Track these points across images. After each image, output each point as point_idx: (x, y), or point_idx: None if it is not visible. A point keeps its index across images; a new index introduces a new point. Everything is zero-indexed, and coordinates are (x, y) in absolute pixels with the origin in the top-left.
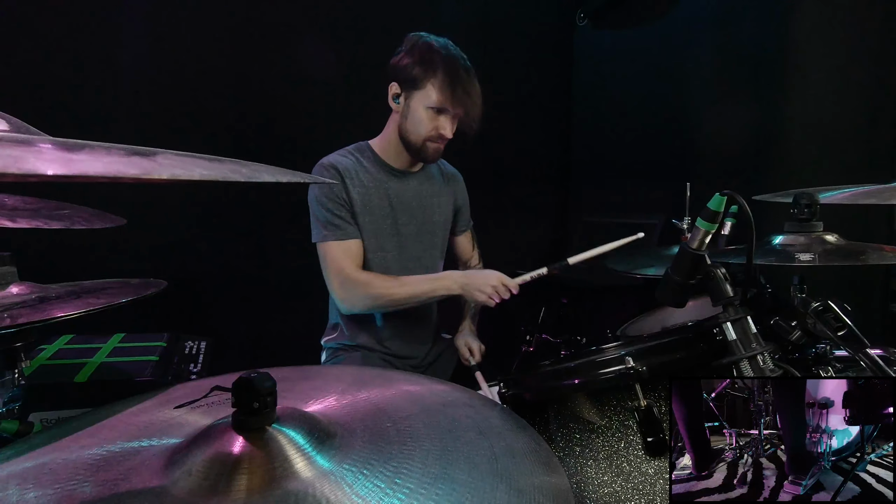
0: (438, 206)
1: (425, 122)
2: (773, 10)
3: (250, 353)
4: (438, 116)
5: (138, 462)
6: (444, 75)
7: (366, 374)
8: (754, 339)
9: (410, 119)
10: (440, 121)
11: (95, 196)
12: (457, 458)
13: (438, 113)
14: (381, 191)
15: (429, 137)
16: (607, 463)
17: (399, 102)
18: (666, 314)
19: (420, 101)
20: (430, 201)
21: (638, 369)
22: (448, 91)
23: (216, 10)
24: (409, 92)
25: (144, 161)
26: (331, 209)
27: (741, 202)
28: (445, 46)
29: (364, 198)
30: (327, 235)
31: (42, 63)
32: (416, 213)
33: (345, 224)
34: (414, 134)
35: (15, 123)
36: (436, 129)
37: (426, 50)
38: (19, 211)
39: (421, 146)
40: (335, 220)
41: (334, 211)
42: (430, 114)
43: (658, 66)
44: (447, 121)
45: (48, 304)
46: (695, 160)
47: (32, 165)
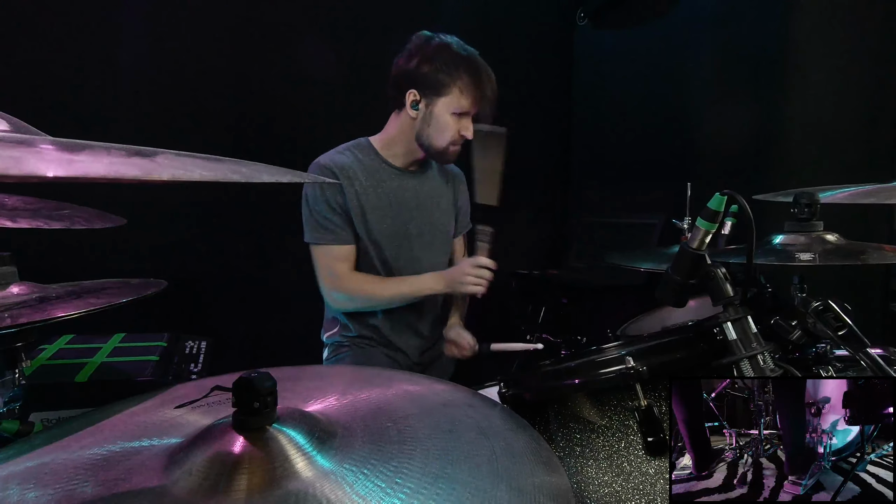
0: (439, 207)
1: (451, 126)
2: (773, 10)
3: (250, 353)
4: (461, 119)
5: (138, 462)
6: (469, 79)
7: (366, 374)
8: (754, 338)
9: (434, 125)
10: (463, 123)
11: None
12: (457, 458)
13: (461, 116)
14: (380, 189)
15: (453, 141)
16: (607, 463)
17: (419, 109)
18: (666, 314)
19: (445, 106)
20: (429, 201)
21: (638, 369)
22: (477, 94)
23: (216, 10)
24: (430, 98)
25: (145, 161)
26: (323, 212)
27: (741, 202)
28: (463, 47)
29: (361, 197)
30: (319, 238)
31: (42, 63)
32: (415, 213)
33: (336, 228)
34: (439, 139)
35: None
36: (459, 133)
37: (445, 53)
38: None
39: (444, 150)
40: (327, 224)
41: (326, 215)
42: (454, 118)
43: (658, 66)
44: (469, 122)
45: (48, 304)
46: (695, 160)
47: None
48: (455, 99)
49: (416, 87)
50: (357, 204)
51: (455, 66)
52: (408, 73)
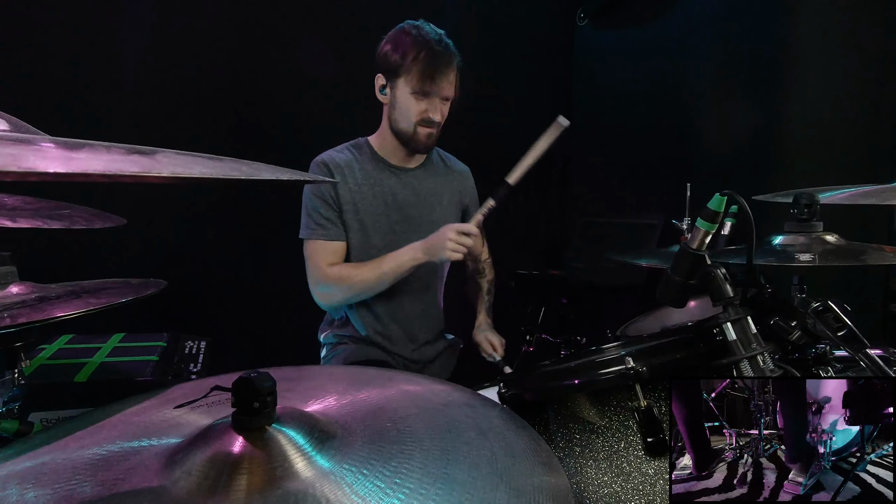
0: (439, 204)
1: (412, 107)
2: (773, 10)
3: (250, 353)
4: (423, 100)
5: (138, 462)
6: (421, 57)
7: (366, 374)
8: (754, 339)
9: (398, 108)
10: (425, 104)
11: (95, 196)
12: (457, 458)
13: (423, 96)
14: (376, 188)
15: (419, 122)
16: (607, 463)
17: (385, 93)
18: (666, 314)
19: (403, 87)
20: (428, 199)
21: (638, 369)
22: (429, 73)
23: (216, 11)
24: (392, 81)
25: (144, 159)
26: (318, 208)
27: (741, 202)
28: (417, 27)
29: (356, 195)
30: (311, 234)
31: (42, 63)
32: (412, 211)
33: (329, 224)
34: (404, 122)
35: (15, 123)
36: (424, 113)
37: (401, 36)
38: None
39: (412, 134)
40: (320, 220)
41: (321, 210)
42: (414, 98)
43: (658, 66)
44: (434, 104)
45: (48, 304)
46: (695, 160)
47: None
48: (411, 78)
49: (381, 71)
50: (350, 200)
51: (408, 47)
52: (376, 60)
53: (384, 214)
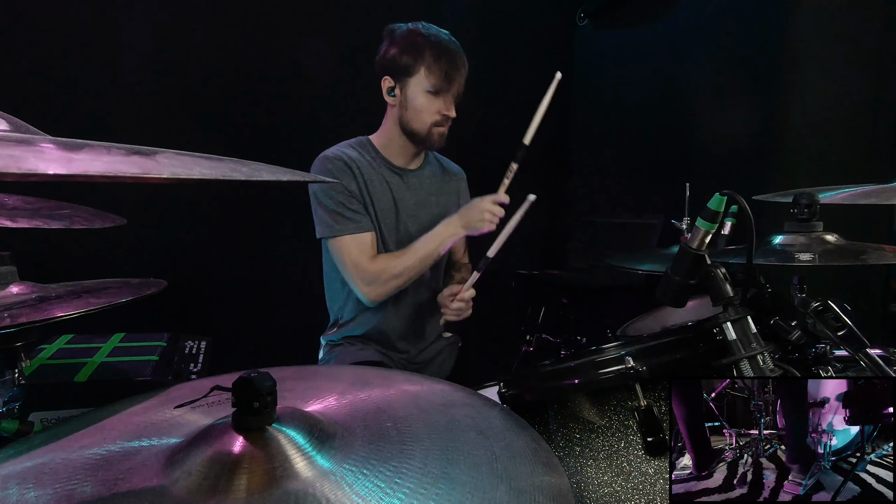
0: (439, 205)
1: (427, 107)
2: (772, 10)
3: (250, 353)
4: (438, 98)
5: (138, 462)
6: (433, 55)
7: (366, 374)
8: (754, 339)
9: (411, 108)
10: (440, 102)
11: (95, 196)
12: (457, 458)
13: (437, 95)
14: (384, 186)
15: (434, 122)
16: (607, 463)
17: (395, 95)
18: (666, 314)
19: (416, 87)
20: (430, 200)
21: (638, 369)
22: (443, 69)
23: (216, 11)
24: (403, 82)
25: (145, 160)
26: (342, 201)
27: (741, 202)
28: (427, 27)
29: (371, 191)
30: (340, 230)
31: (42, 63)
32: (417, 211)
33: (357, 216)
34: (418, 122)
35: (15, 123)
36: (439, 112)
37: (409, 36)
38: (19, 211)
39: (427, 133)
40: (346, 213)
41: (345, 203)
42: (429, 98)
43: (658, 66)
44: (449, 102)
45: (48, 303)
46: (695, 160)
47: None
48: (424, 77)
49: (389, 73)
50: (366, 195)
51: (418, 46)
52: (380, 63)
53: (392, 213)
